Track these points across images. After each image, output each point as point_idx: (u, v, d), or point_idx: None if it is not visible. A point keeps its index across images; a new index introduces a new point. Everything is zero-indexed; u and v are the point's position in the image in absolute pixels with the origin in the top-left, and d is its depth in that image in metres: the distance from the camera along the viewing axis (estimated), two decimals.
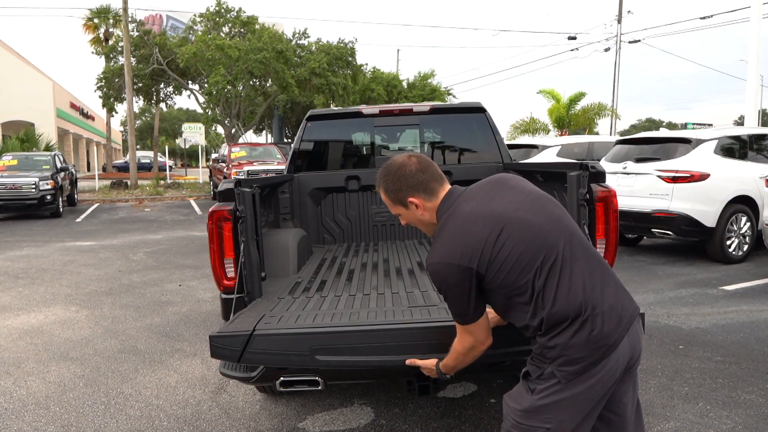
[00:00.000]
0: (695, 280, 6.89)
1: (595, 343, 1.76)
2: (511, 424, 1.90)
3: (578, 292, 1.77)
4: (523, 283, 1.80)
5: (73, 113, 39.48)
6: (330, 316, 2.65)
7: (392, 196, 2.05)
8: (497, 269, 1.80)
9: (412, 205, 2.02)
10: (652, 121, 78.33)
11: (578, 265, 1.81)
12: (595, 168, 2.87)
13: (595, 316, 1.76)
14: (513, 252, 1.80)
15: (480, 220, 1.86)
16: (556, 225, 1.87)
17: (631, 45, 28.84)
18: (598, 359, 1.77)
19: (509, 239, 1.81)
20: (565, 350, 1.77)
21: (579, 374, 1.77)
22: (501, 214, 1.86)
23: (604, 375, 1.79)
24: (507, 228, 1.82)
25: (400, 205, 2.05)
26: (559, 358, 1.78)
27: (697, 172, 7.54)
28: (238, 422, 3.52)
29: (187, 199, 20.32)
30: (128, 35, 23.79)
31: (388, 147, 5.36)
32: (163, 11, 31.80)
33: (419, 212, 2.02)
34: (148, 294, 6.79)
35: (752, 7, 13.57)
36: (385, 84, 30.85)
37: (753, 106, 13.79)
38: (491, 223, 1.84)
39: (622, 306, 1.83)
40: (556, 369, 1.79)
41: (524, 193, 1.95)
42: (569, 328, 1.77)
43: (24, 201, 14.74)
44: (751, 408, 3.55)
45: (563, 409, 1.80)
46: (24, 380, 4.27)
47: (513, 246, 1.80)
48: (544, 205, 1.92)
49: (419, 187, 1.99)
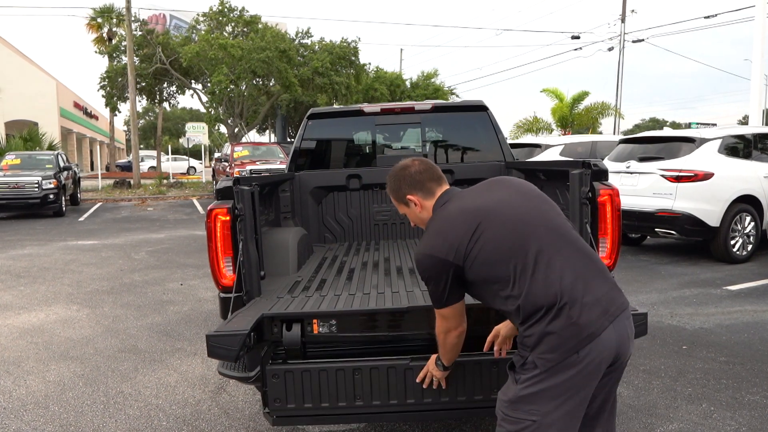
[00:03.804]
0: (699, 280, 6.85)
1: (573, 330, 1.80)
2: (501, 417, 1.96)
3: (555, 283, 1.83)
4: (501, 274, 1.89)
5: (77, 112, 39.55)
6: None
7: (394, 195, 2.26)
8: (473, 261, 1.92)
9: (411, 203, 2.20)
10: (656, 121, 77.99)
11: (559, 257, 1.87)
12: (598, 166, 2.84)
13: (573, 305, 1.81)
14: (488, 244, 1.91)
15: (461, 216, 1.99)
16: (538, 218, 1.96)
17: (634, 44, 28.78)
18: (577, 347, 1.80)
19: (485, 232, 1.92)
20: (542, 337, 1.83)
21: (558, 362, 1.81)
22: (482, 209, 1.98)
23: (587, 365, 1.82)
24: (484, 222, 1.93)
25: (402, 204, 2.25)
26: (538, 346, 1.84)
27: (701, 171, 7.50)
28: (237, 422, 3.50)
29: (190, 199, 20.33)
30: (131, 34, 23.82)
31: (389, 146, 5.33)
32: (167, 11, 31.84)
33: (418, 210, 2.19)
34: (149, 293, 6.78)
35: (757, 6, 13.49)
36: (388, 83, 30.81)
37: (757, 105, 13.73)
38: (471, 218, 1.96)
39: (609, 299, 1.87)
40: (536, 357, 1.85)
41: (513, 189, 2.07)
42: (545, 317, 1.82)
43: (27, 200, 14.76)
44: (755, 409, 3.52)
45: (546, 400, 1.84)
46: (23, 379, 4.26)
47: (489, 239, 1.91)
48: (530, 200, 2.03)
49: (417, 186, 2.17)
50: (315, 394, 2.51)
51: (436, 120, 5.15)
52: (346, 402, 2.51)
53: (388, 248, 4.41)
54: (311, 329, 2.62)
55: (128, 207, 18.15)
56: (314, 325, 2.62)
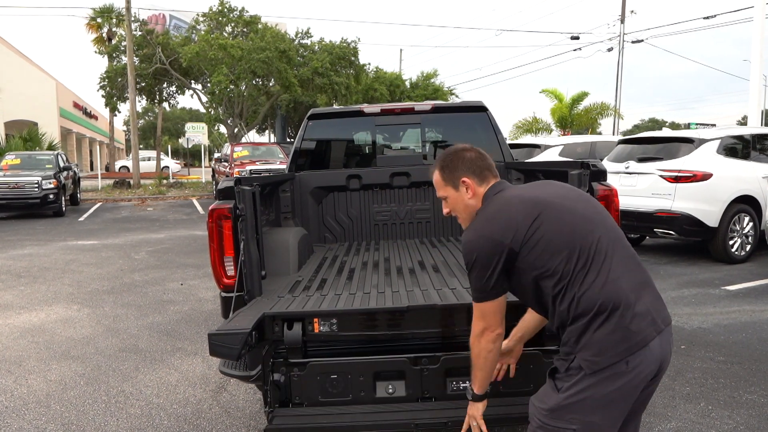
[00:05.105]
0: (698, 280, 6.87)
1: (624, 335, 1.75)
2: (536, 425, 1.89)
3: (611, 284, 1.79)
4: (558, 267, 1.83)
5: (76, 113, 39.54)
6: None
7: (447, 174, 2.15)
8: (532, 248, 1.86)
9: (462, 187, 2.12)
10: (655, 121, 78.05)
11: (615, 260, 1.84)
12: (596, 166, 2.86)
13: (626, 310, 1.77)
14: (549, 234, 1.86)
15: (521, 203, 1.95)
16: (598, 219, 1.93)
17: (634, 45, 28.80)
18: (625, 353, 1.75)
19: (546, 223, 1.88)
20: (591, 339, 1.77)
21: (605, 367, 1.75)
22: (542, 200, 1.95)
23: (635, 377, 1.77)
24: (545, 212, 1.90)
25: (450, 186, 2.15)
26: (586, 348, 1.78)
27: (700, 171, 7.52)
28: (238, 421, 3.52)
29: (190, 199, 20.34)
30: (131, 35, 23.82)
31: (389, 146, 5.35)
32: (166, 11, 31.82)
33: (468, 194, 2.12)
34: (149, 293, 6.80)
35: (755, 6, 13.51)
36: (387, 84, 30.82)
37: (756, 105, 13.73)
38: (531, 206, 1.93)
39: (656, 310, 1.84)
40: (582, 360, 1.78)
41: (567, 189, 2.08)
42: (596, 318, 1.77)
43: (27, 200, 14.77)
44: (753, 408, 3.54)
45: (590, 410, 1.78)
46: (25, 378, 4.28)
47: (550, 229, 1.87)
48: (587, 201, 2.02)
49: (474, 170, 2.11)
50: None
51: (435, 120, 5.17)
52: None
53: (388, 248, 4.43)
54: (312, 328, 2.64)
55: (128, 207, 18.16)
56: (315, 324, 2.64)
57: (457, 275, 3.27)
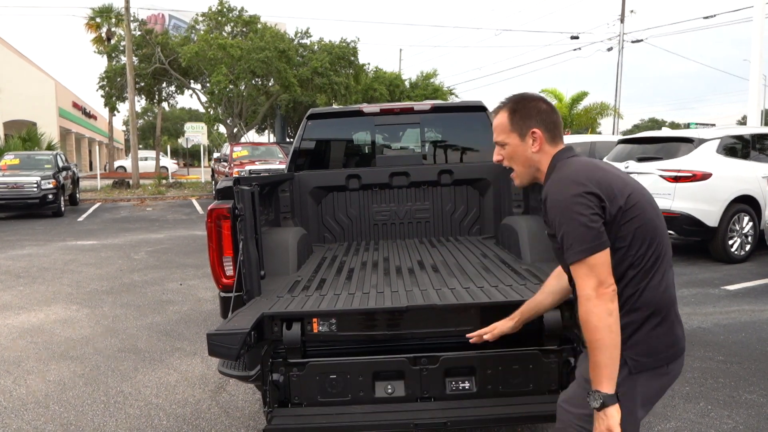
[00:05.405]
0: (697, 280, 6.87)
1: (671, 340, 1.77)
2: (567, 424, 1.83)
3: (668, 288, 1.79)
4: (634, 250, 1.72)
5: (76, 112, 39.54)
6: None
7: (516, 119, 1.92)
8: (623, 222, 1.71)
9: (530, 138, 1.91)
10: (655, 121, 78.04)
11: (670, 266, 1.83)
12: None
13: (675, 317, 1.80)
14: (641, 215, 1.73)
15: (612, 172, 1.80)
16: (663, 222, 1.84)
17: (634, 44, 28.87)
18: (669, 358, 1.76)
19: (638, 203, 1.74)
20: (643, 338, 1.73)
21: (648, 368, 1.73)
22: (629, 181, 1.81)
23: (669, 380, 1.79)
24: (634, 194, 1.75)
25: (516, 134, 1.93)
26: (637, 346, 1.72)
27: (700, 171, 7.52)
28: (237, 421, 3.51)
29: (189, 199, 20.33)
30: (130, 34, 23.81)
31: (389, 146, 5.35)
32: (166, 10, 31.82)
33: (534, 148, 1.91)
34: (148, 293, 6.79)
35: (755, 6, 13.51)
36: (387, 84, 30.82)
37: (756, 105, 13.73)
38: (621, 181, 1.77)
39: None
40: (629, 357, 1.71)
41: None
42: (651, 319, 1.74)
43: (26, 200, 14.75)
44: (752, 408, 3.54)
45: (631, 409, 1.73)
46: (24, 379, 4.27)
47: (640, 210, 1.73)
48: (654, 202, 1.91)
49: (549, 125, 1.90)
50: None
51: (435, 120, 5.17)
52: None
53: (387, 248, 4.42)
54: (311, 328, 2.63)
55: (127, 207, 18.15)
56: (314, 324, 2.63)
57: (456, 275, 3.26)
